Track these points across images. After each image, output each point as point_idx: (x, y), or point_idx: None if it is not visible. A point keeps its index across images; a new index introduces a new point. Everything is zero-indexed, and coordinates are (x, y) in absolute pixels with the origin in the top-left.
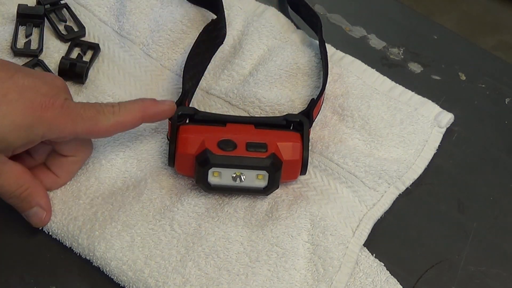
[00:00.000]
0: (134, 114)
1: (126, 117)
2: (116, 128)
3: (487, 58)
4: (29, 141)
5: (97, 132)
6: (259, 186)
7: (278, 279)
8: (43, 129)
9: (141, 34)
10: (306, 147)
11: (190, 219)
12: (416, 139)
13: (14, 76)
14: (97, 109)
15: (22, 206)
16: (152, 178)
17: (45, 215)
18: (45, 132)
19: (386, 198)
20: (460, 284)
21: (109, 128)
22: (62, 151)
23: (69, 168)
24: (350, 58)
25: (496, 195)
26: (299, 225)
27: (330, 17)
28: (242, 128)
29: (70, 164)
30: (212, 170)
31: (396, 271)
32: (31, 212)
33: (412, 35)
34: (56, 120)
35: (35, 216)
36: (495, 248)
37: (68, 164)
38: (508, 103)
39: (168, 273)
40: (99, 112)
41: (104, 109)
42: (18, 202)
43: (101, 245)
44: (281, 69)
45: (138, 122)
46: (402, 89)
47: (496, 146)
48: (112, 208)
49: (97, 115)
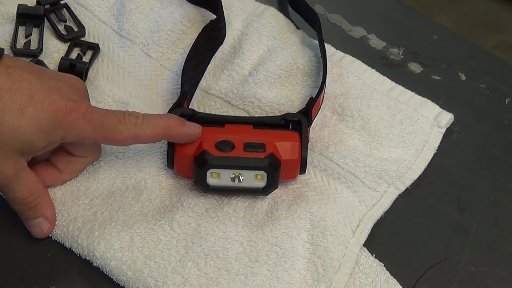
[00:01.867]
0: (157, 131)
1: (148, 131)
2: (135, 140)
3: (487, 58)
4: (50, 143)
5: (115, 141)
6: (258, 186)
7: (278, 279)
8: (64, 132)
9: (141, 34)
10: (305, 146)
11: (189, 219)
12: (416, 139)
13: (40, 77)
14: (120, 119)
15: (28, 214)
16: (152, 178)
17: (48, 228)
18: (65, 135)
19: (386, 198)
20: (460, 284)
21: (128, 139)
22: (73, 151)
23: (75, 168)
24: (350, 58)
25: (496, 195)
26: (298, 225)
27: (330, 17)
28: (240, 128)
29: (77, 164)
30: (210, 171)
31: (396, 271)
32: (35, 222)
33: (412, 35)
34: (78, 125)
35: (38, 226)
36: (495, 248)
37: (75, 164)
38: (508, 103)
39: (168, 273)
40: (121, 122)
41: (126, 120)
42: (25, 210)
43: (101, 245)
44: (280, 69)
45: (158, 138)
46: (402, 89)
47: (496, 146)
48: (112, 208)
49: (118, 125)
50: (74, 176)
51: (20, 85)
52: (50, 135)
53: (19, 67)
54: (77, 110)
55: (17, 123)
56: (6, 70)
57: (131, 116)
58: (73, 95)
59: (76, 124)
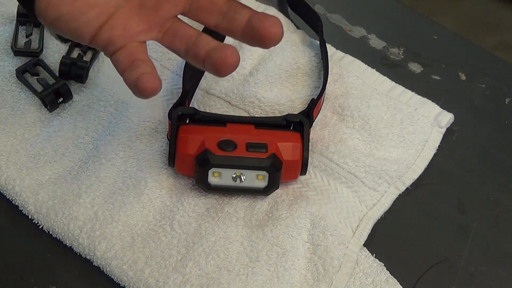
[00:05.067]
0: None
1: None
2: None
3: (487, 58)
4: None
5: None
6: (259, 187)
7: (278, 279)
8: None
9: None
10: (306, 147)
11: (190, 219)
12: (416, 139)
13: None
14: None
15: None
16: (152, 178)
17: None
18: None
19: (386, 198)
20: (460, 284)
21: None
22: None
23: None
24: (350, 58)
25: (496, 195)
26: (299, 225)
27: (330, 17)
28: (242, 128)
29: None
30: (212, 170)
31: (396, 271)
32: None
33: (412, 35)
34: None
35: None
36: (495, 248)
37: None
38: (508, 103)
39: (169, 273)
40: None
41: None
42: None
43: (102, 245)
44: (281, 69)
45: None
46: (402, 89)
47: (496, 146)
48: (113, 207)
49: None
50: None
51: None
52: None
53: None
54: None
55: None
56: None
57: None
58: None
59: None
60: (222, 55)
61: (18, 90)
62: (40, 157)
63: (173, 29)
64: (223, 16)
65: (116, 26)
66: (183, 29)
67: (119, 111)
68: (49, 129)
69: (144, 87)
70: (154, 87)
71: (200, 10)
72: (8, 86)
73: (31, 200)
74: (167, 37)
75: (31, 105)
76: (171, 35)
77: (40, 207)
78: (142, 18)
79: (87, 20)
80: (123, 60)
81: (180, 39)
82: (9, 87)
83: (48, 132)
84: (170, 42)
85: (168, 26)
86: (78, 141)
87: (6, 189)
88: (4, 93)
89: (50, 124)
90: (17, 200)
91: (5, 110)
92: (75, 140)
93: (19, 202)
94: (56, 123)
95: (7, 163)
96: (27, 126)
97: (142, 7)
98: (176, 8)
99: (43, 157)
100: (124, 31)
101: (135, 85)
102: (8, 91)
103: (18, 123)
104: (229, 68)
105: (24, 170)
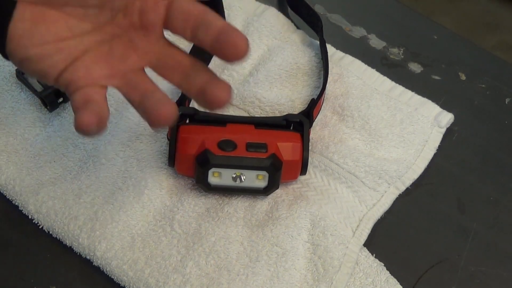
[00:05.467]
0: None
1: None
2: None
3: (487, 58)
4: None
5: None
6: (259, 187)
7: (278, 279)
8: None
9: None
10: (306, 147)
11: (190, 219)
12: (416, 139)
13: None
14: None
15: None
16: (152, 178)
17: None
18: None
19: (386, 198)
20: (460, 284)
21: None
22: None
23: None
24: (350, 58)
25: (496, 195)
26: (299, 225)
27: (330, 17)
28: (242, 128)
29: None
30: (212, 170)
31: (396, 271)
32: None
33: (412, 35)
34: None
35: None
36: (495, 248)
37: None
38: (508, 103)
39: (169, 273)
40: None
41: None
42: None
43: (102, 244)
44: (281, 69)
45: None
46: (402, 89)
47: (496, 146)
48: (113, 207)
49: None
50: None
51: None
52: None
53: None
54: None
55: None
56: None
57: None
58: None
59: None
60: (160, 114)
61: (18, 90)
62: (40, 157)
63: (134, 81)
64: (186, 76)
65: (80, 68)
66: (143, 82)
67: (119, 111)
68: (49, 129)
69: (87, 126)
70: (98, 129)
71: (166, 68)
72: (8, 86)
73: (31, 200)
74: (126, 87)
75: (31, 105)
76: (130, 86)
77: (40, 207)
78: (108, 65)
79: (53, 63)
80: (77, 99)
81: (137, 91)
82: (9, 87)
83: (48, 132)
84: (126, 92)
85: (130, 77)
86: (78, 141)
87: (6, 189)
88: (4, 93)
89: (50, 124)
90: (17, 200)
91: (5, 110)
92: (75, 140)
93: (19, 202)
94: (56, 123)
95: (7, 163)
96: (27, 126)
97: (110, 54)
98: (143, 61)
99: (43, 157)
100: (86, 74)
101: (81, 124)
102: (8, 91)
103: (18, 123)
104: (166, 123)
105: (24, 170)
